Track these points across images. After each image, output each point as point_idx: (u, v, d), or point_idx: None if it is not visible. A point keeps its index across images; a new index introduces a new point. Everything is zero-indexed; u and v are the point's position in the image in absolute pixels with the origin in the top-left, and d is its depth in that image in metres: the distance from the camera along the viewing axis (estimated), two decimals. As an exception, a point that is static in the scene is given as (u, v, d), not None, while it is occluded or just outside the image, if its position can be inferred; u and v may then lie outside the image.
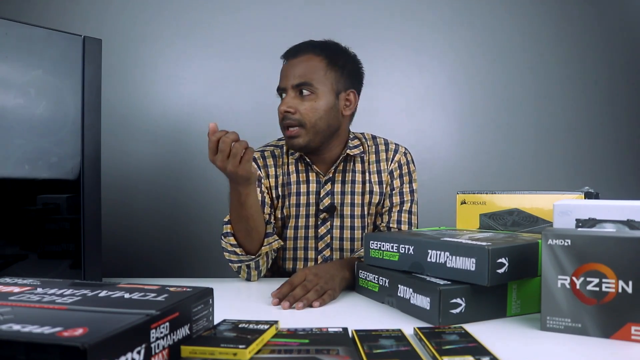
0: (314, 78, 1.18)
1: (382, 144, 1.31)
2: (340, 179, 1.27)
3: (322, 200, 1.25)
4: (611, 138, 2.05)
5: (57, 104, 0.92)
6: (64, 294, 0.59)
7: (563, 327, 0.69)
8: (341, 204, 1.25)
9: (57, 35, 0.92)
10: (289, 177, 1.27)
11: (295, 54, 1.21)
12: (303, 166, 1.27)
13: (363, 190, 1.26)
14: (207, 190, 1.92)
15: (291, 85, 1.18)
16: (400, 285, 0.84)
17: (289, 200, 1.26)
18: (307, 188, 1.26)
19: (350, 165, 1.27)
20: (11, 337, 0.42)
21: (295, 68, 1.19)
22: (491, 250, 0.73)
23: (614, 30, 2.05)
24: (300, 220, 1.25)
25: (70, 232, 0.93)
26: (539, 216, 0.99)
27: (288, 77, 1.19)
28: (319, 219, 1.25)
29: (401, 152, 1.31)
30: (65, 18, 1.89)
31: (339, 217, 1.25)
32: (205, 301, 0.64)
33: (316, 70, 1.19)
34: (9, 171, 0.88)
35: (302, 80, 1.17)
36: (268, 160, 1.29)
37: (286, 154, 1.29)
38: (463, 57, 2.01)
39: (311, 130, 1.18)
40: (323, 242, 1.25)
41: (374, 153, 1.30)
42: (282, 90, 1.20)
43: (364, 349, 0.59)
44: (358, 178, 1.27)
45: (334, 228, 1.25)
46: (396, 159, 1.29)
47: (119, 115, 1.90)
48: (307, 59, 1.20)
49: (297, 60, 1.20)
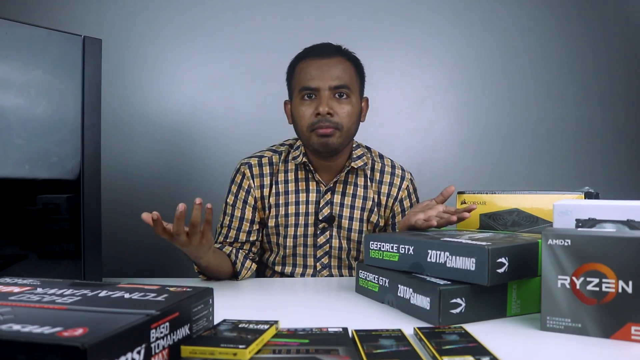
0: (350, 82, 1.17)
1: (389, 166, 1.29)
2: (340, 190, 1.24)
3: (322, 210, 1.23)
4: (611, 138, 2.05)
5: (57, 104, 0.92)
6: (64, 294, 0.59)
7: (563, 327, 0.69)
8: (340, 215, 1.24)
9: (57, 35, 0.92)
10: (286, 186, 1.24)
11: (327, 54, 1.18)
12: (303, 174, 1.25)
13: (363, 206, 1.25)
14: (207, 190, 1.92)
15: (329, 87, 1.14)
16: (400, 285, 0.84)
17: (286, 209, 1.23)
18: (306, 197, 1.24)
19: (352, 178, 1.25)
20: (11, 337, 0.42)
21: (332, 69, 1.15)
22: (491, 250, 0.73)
23: (614, 30, 2.05)
24: (298, 229, 1.24)
25: (70, 232, 0.93)
26: (539, 216, 0.99)
27: (324, 77, 1.15)
28: (318, 229, 1.24)
29: (408, 179, 1.30)
30: (65, 18, 1.89)
31: (337, 227, 1.24)
32: (205, 301, 0.64)
33: (351, 74, 1.18)
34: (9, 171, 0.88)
35: (342, 82, 1.15)
36: (264, 169, 1.25)
37: (283, 162, 1.26)
38: (463, 57, 2.01)
39: (345, 134, 1.17)
40: (322, 250, 1.25)
41: (380, 172, 1.28)
42: (312, 90, 1.16)
43: (364, 349, 0.59)
44: (360, 193, 1.25)
45: (333, 238, 1.24)
46: (404, 186, 1.28)
47: (119, 115, 1.90)
48: (340, 61, 1.18)
49: (331, 62, 1.16)
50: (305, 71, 1.17)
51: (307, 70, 1.17)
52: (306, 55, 1.20)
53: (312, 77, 1.15)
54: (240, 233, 1.23)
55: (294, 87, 1.20)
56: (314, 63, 1.17)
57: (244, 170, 1.26)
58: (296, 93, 1.19)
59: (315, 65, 1.16)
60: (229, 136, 1.95)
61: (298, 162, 1.23)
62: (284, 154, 1.27)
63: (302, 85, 1.16)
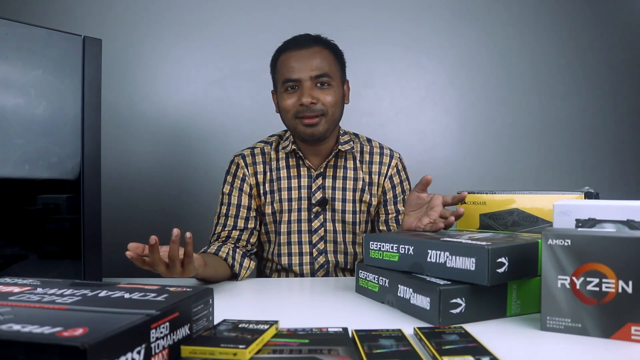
0: (330, 70, 1.21)
1: (377, 147, 1.33)
2: (331, 174, 1.28)
3: (314, 195, 1.27)
4: (611, 138, 2.05)
5: (57, 104, 0.92)
6: (64, 294, 0.59)
7: (563, 327, 0.69)
8: (333, 198, 1.27)
9: (57, 35, 0.92)
10: (278, 172, 1.28)
11: (305, 45, 1.21)
12: (294, 161, 1.29)
13: (355, 187, 1.28)
14: (207, 190, 1.92)
15: (310, 77, 1.18)
16: (400, 285, 0.84)
17: (280, 194, 1.27)
18: (298, 182, 1.28)
19: (341, 162, 1.29)
20: (11, 337, 0.42)
21: (311, 60, 1.19)
22: (491, 250, 0.73)
23: (615, 30, 2.05)
24: (292, 214, 1.27)
25: (70, 232, 0.93)
26: (539, 216, 0.99)
27: (303, 68, 1.18)
28: (312, 213, 1.27)
29: (397, 158, 1.33)
30: (65, 18, 1.89)
31: (331, 210, 1.27)
32: (205, 301, 0.64)
33: (330, 62, 1.22)
34: (9, 171, 0.88)
35: (322, 71, 1.19)
36: (257, 158, 1.30)
37: (275, 150, 1.30)
38: (463, 57, 2.01)
39: (330, 120, 1.21)
40: (317, 235, 1.27)
41: (369, 154, 1.32)
42: (294, 81, 1.19)
43: (364, 349, 0.59)
44: (350, 174, 1.29)
45: (327, 221, 1.27)
46: (393, 164, 1.32)
47: (119, 115, 1.90)
48: (319, 51, 1.21)
49: (309, 52, 1.20)
50: (286, 63, 1.21)
51: (287, 62, 1.20)
52: (286, 47, 1.24)
53: (293, 69, 1.19)
54: (238, 220, 1.26)
55: (277, 80, 1.25)
56: (293, 55, 1.21)
57: (238, 161, 1.31)
58: (280, 85, 1.23)
59: (295, 56, 1.20)
60: (228, 136, 1.95)
61: (288, 151, 1.28)
62: (275, 144, 1.32)
63: (284, 77, 1.21)
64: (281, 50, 1.24)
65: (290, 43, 1.24)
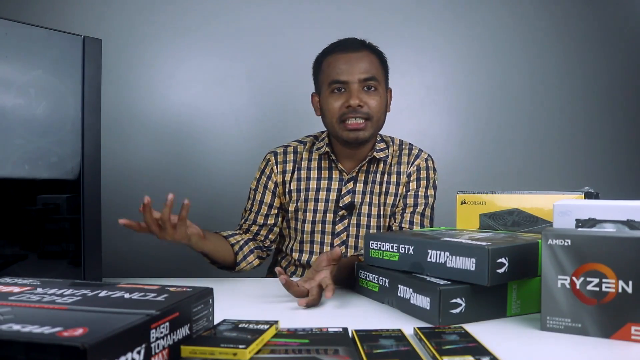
0: (377, 74, 1.21)
1: (407, 148, 1.32)
2: (362, 179, 1.28)
3: (343, 198, 1.26)
4: (611, 138, 2.05)
5: (57, 104, 0.92)
6: (64, 294, 0.59)
7: (563, 327, 0.69)
8: (360, 203, 1.27)
9: (57, 35, 0.92)
10: (308, 172, 1.29)
11: (354, 48, 1.21)
12: (327, 163, 1.29)
13: (380, 191, 1.28)
14: (207, 190, 1.92)
15: (358, 80, 1.18)
16: (400, 285, 0.84)
17: (307, 194, 1.28)
18: (328, 184, 1.28)
19: (373, 167, 1.29)
20: (11, 337, 0.42)
21: (360, 63, 1.19)
22: (491, 250, 0.73)
23: (613, 30, 2.05)
24: (317, 215, 1.27)
25: (70, 232, 0.93)
26: (539, 216, 0.99)
27: (352, 71, 1.18)
28: (337, 216, 1.27)
29: (422, 158, 1.31)
30: (65, 18, 1.89)
31: (356, 215, 1.27)
32: (205, 301, 0.64)
33: (377, 67, 1.22)
34: (9, 171, 0.87)
35: (370, 75, 1.19)
36: (288, 156, 1.31)
37: (307, 151, 1.31)
38: (463, 57, 2.01)
39: (375, 125, 1.21)
40: (339, 239, 1.27)
41: (397, 156, 1.31)
42: (342, 83, 1.19)
43: (364, 349, 0.59)
44: (378, 179, 1.28)
45: (350, 226, 1.27)
46: (416, 163, 1.30)
47: (119, 115, 1.90)
48: (367, 55, 1.22)
49: (358, 55, 1.20)
50: (333, 65, 1.21)
51: (335, 64, 1.20)
52: (334, 49, 1.23)
53: (341, 71, 1.19)
54: (259, 216, 1.29)
55: (322, 81, 1.24)
56: (342, 57, 1.20)
57: (269, 158, 1.33)
58: (325, 87, 1.22)
59: (344, 59, 1.20)
60: (228, 136, 1.95)
61: (321, 152, 1.28)
62: (309, 144, 1.33)
63: (331, 78, 1.20)
64: (327, 52, 1.24)
65: (337, 45, 1.24)
